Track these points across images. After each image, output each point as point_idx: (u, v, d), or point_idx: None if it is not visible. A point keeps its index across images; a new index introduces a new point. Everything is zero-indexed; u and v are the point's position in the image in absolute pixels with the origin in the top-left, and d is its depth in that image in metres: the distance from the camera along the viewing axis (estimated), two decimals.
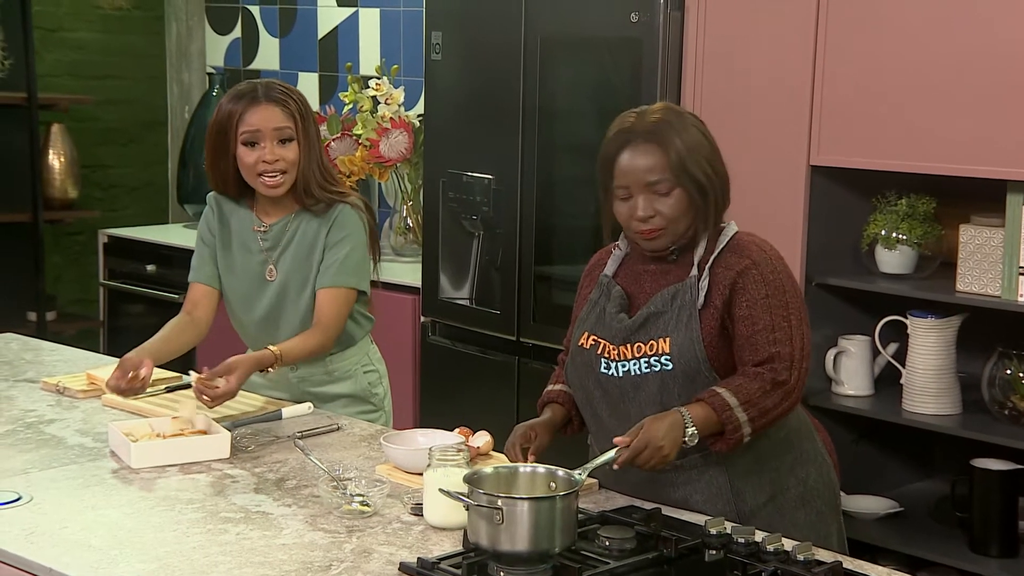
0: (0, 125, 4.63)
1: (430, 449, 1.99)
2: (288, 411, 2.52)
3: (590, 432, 2.23)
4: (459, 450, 1.98)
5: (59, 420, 2.48)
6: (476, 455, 2.25)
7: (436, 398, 3.83)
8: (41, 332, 4.54)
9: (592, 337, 2.15)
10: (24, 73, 4.57)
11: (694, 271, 2.09)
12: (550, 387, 2.31)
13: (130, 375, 2.42)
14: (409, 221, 4.24)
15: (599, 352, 2.13)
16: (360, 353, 2.69)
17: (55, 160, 4.74)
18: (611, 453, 1.96)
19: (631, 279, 2.17)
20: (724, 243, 2.10)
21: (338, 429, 2.46)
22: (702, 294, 2.06)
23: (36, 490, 2.08)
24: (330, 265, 2.56)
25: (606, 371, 2.12)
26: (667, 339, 2.07)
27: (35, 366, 2.88)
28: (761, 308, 2.04)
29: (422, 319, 3.86)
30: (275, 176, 2.53)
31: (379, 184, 4.45)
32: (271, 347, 2.48)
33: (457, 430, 2.28)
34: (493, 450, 2.29)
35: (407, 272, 3.97)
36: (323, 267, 2.57)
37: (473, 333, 3.71)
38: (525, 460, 2.08)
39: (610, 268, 2.20)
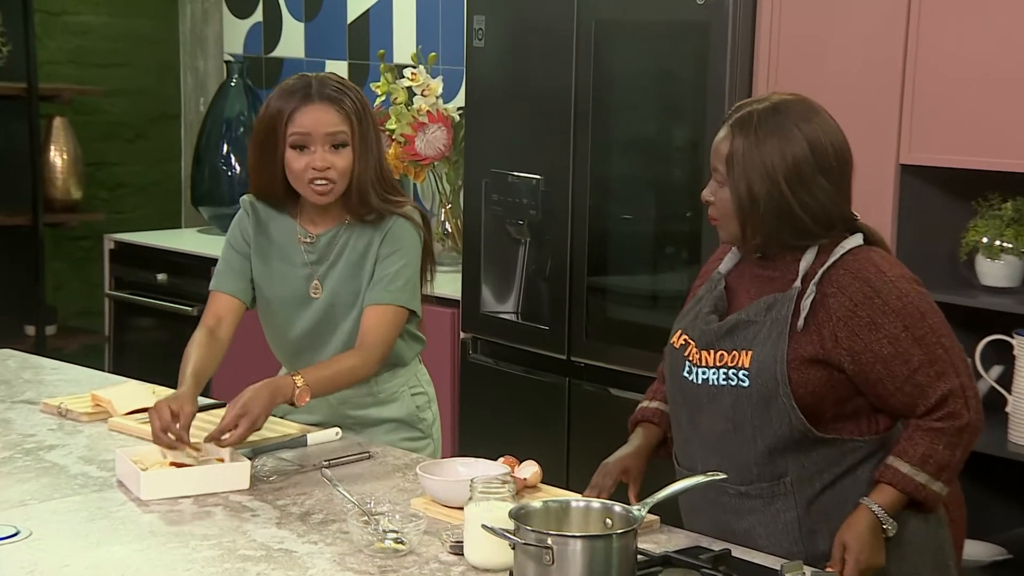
0: None
1: (472, 480, 2.00)
2: (314, 437, 2.54)
3: (673, 438, 2.25)
4: (504, 482, 1.99)
5: (61, 446, 2.51)
6: (523, 487, 2.25)
7: (478, 423, 3.84)
8: (40, 348, 4.59)
9: (683, 336, 2.19)
10: (23, 61, 4.63)
11: (797, 283, 2.10)
12: (645, 403, 2.34)
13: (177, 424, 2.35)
14: (448, 226, 4.25)
15: (686, 354, 2.17)
16: (408, 374, 2.71)
17: (57, 157, 4.80)
18: (682, 483, 1.97)
19: (739, 280, 2.20)
20: (835, 258, 2.10)
21: (369, 457, 2.47)
22: (803, 313, 2.07)
23: (35, 524, 2.10)
24: (379, 280, 2.57)
25: (687, 375, 2.16)
26: (749, 353, 2.09)
27: (34, 386, 2.91)
28: (908, 343, 2.05)
29: (462, 335, 3.87)
30: (324, 184, 2.54)
31: (415, 185, 4.47)
32: (295, 376, 2.46)
33: (501, 459, 2.29)
34: (542, 482, 2.30)
35: (446, 283, 3.98)
36: (372, 282, 2.58)
37: (519, 351, 3.72)
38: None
39: (726, 265, 2.23)
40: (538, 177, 3.60)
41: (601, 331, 3.52)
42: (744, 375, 2.08)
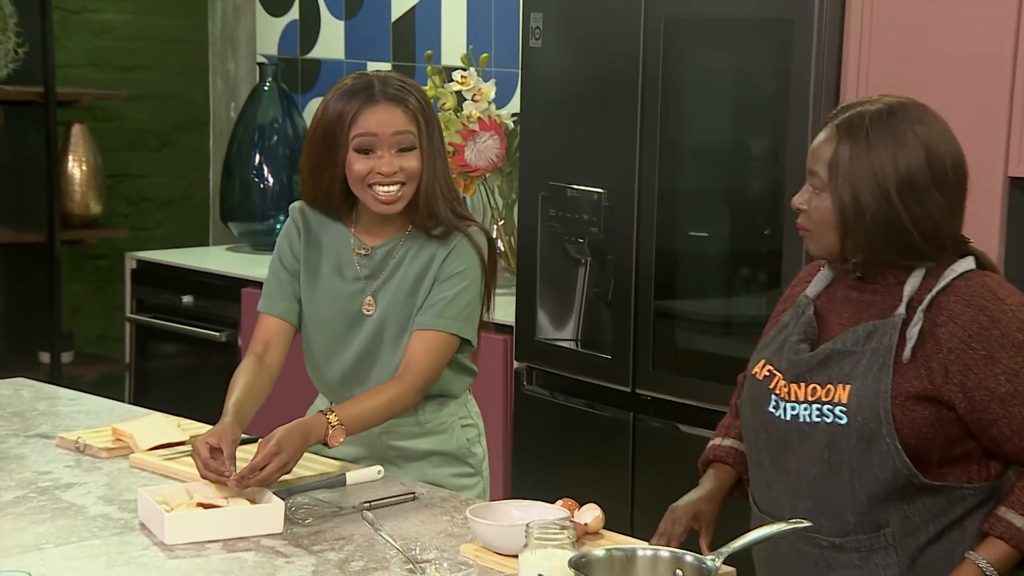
0: (12, 126, 4.75)
1: (527, 525, 2.00)
2: (354, 476, 2.54)
3: (750, 480, 2.24)
4: (563, 527, 1.98)
5: (79, 484, 2.53)
6: (583, 534, 2.24)
7: (532, 462, 3.83)
8: (56, 376, 4.63)
9: (768, 367, 2.18)
10: (41, 63, 4.69)
11: (901, 309, 2.08)
12: (716, 441, 2.33)
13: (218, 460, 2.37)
14: (500, 244, 4.26)
15: (771, 386, 2.15)
16: (459, 404, 2.71)
17: (75, 168, 4.85)
18: (763, 531, 1.96)
19: (830, 305, 2.19)
20: (945, 282, 2.08)
21: (414, 498, 2.48)
22: (910, 343, 2.05)
23: (51, 569, 2.11)
24: (434, 304, 2.58)
25: (774, 410, 2.14)
26: (846, 387, 2.07)
27: (50, 418, 2.94)
28: None
29: (515, 365, 3.87)
30: (391, 189, 2.55)
31: (464, 199, 4.48)
32: (329, 415, 2.46)
33: (560, 502, 2.28)
34: (604, 527, 2.29)
35: (498, 307, 3.97)
36: (425, 304, 2.59)
37: (578, 383, 3.72)
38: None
39: (814, 288, 2.22)
40: (600, 190, 3.60)
41: (669, 361, 3.50)
42: (841, 411, 2.06)
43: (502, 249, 4.25)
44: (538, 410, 3.82)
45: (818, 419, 2.08)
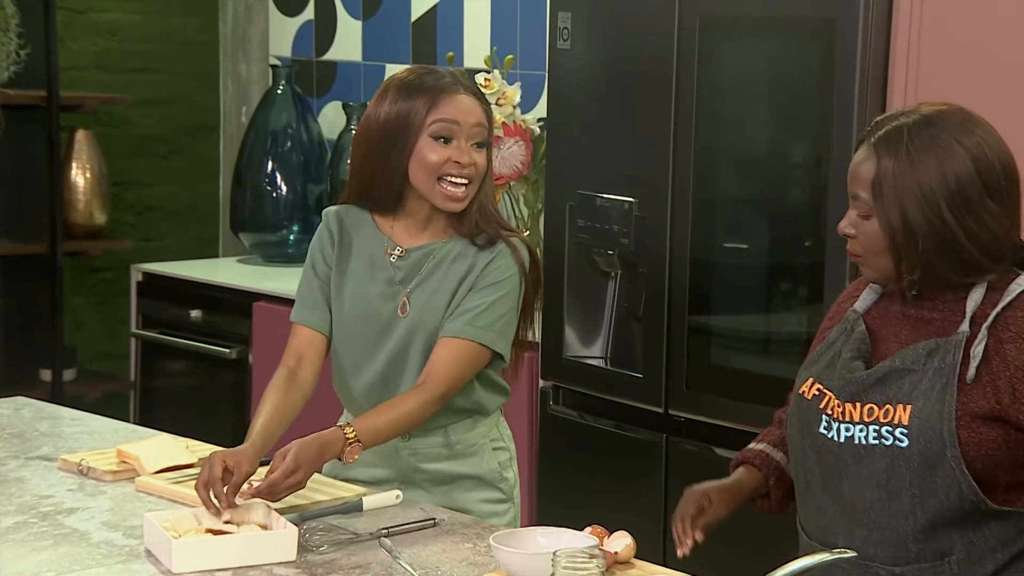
0: (13, 131, 4.76)
1: (554, 554, 1.99)
2: (371, 500, 2.54)
3: (797, 505, 2.24)
4: (592, 556, 1.98)
5: (82, 509, 2.53)
6: (614, 563, 2.24)
7: (559, 487, 3.82)
8: (57, 395, 4.65)
9: (817, 386, 2.17)
10: (43, 65, 4.71)
11: (964, 326, 2.08)
12: (751, 445, 2.34)
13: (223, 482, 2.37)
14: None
15: (821, 406, 2.15)
16: (490, 425, 2.72)
17: (79, 175, 4.87)
18: (811, 559, 1.95)
19: (882, 321, 2.18)
20: (1011, 297, 2.07)
21: (435, 524, 2.48)
22: (975, 362, 2.04)
23: None
24: (466, 311, 2.59)
25: (825, 432, 2.13)
26: (908, 407, 2.07)
27: (51, 439, 2.94)
28: None
29: (541, 383, 3.87)
30: (463, 185, 2.58)
31: None
32: (346, 428, 2.47)
33: (588, 529, 2.28)
34: (635, 556, 2.29)
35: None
36: (457, 310, 2.60)
37: (607, 403, 3.71)
38: (691, 536, 2.14)
39: (862, 303, 2.21)
40: (631, 200, 3.59)
41: (704, 380, 3.49)
42: (902, 433, 2.06)
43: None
44: (565, 431, 3.81)
45: (875, 441, 2.08)
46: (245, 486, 2.40)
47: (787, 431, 2.24)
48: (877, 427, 2.08)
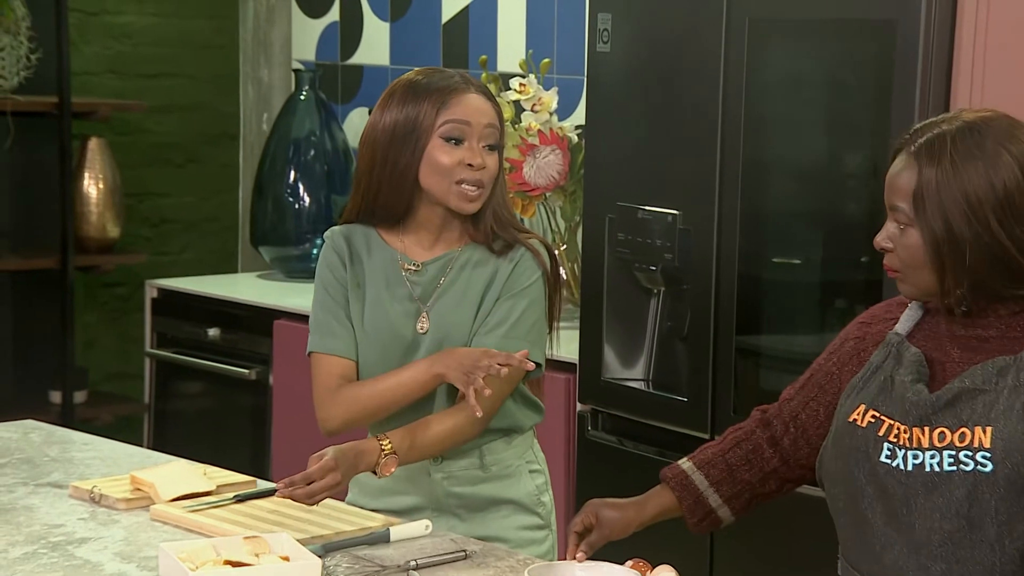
0: (22, 139, 4.80)
1: None
2: (399, 531, 2.54)
3: (843, 542, 2.22)
4: None
5: (94, 539, 2.53)
6: None
7: None
8: (68, 418, 4.66)
9: (872, 412, 2.16)
10: (55, 70, 4.74)
11: None
12: (681, 460, 2.40)
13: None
14: (563, 272, 4.26)
15: (881, 433, 2.14)
16: (525, 446, 2.72)
17: (91, 186, 4.89)
18: None
19: (931, 343, 2.18)
20: None
21: (466, 557, 2.47)
22: None
23: None
24: (500, 323, 2.61)
25: (888, 460, 2.12)
26: (987, 429, 2.06)
27: (62, 465, 2.95)
28: None
29: (579, 407, 3.86)
30: (476, 188, 2.59)
31: (522, 221, 4.48)
32: (382, 440, 2.51)
33: (630, 562, 2.28)
34: None
35: (560, 342, 3.93)
36: (487, 324, 2.61)
37: (649, 428, 3.70)
38: (573, 554, 2.21)
39: (904, 326, 2.22)
40: (675, 212, 3.59)
41: (753, 405, 3.42)
42: (984, 457, 2.05)
43: (564, 277, 4.25)
44: (604, 458, 3.80)
45: (952, 467, 2.07)
46: (283, 490, 2.43)
47: (827, 465, 2.23)
48: (953, 452, 2.07)
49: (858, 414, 2.18)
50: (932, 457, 2.09)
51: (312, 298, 2.73)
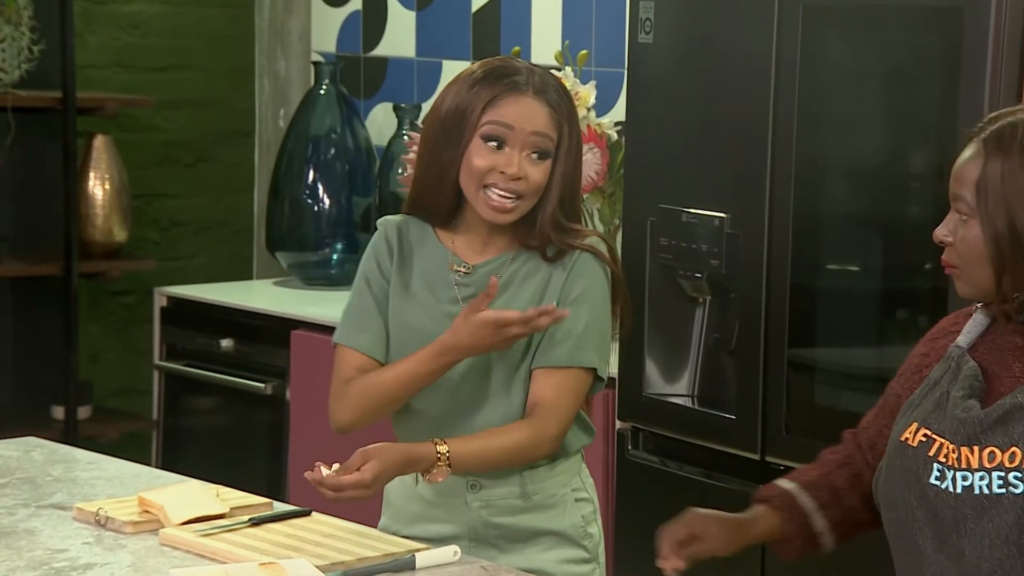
0: (24, 137, 4.81)
1: None
2: (425, 557, 2.53)
3: (898, 570, 2.21)
4: None
5: (99, 565, 2.53)
6: None
7: (640, 542, 3.78)
8: (72, 435, 4.67)
9: (924, 431, 2.16)
10: (58, 63, 4.75)
11: None
12: (781, 481, 2.37)
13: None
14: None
15: (931, 453, 2.13)
16: (571, 472, 2.71)
17: (97, 187, 4.90)
18: None
19: (994, 356, 2.18)
20: None
21: None
22: None
23: None
24: (566, 336, 2.60)
25: (938, 482, 2.12)
26: None
27: (66, 485, 2.95)
28: None
29: (619, 425, 3.85)
30: (508, 197, 2.59)
31: None
32: (439, 444, 2.51)
33: None
34: None
35: None
36: (552, 337, 2.61)
37: (694, 448, 3.69)
38: (672, 562, 2.23)
39: (966, 338, 2.21)
40: (722, 215, 3.58)
41: (806, 423, 3.47)
42: None
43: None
44: (646, 480, 3.79)
45: (1002, 489, 2.05)
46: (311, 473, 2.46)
47: (880, 486, 2.23)
48: (1002, 473, 2.07)
49: (910, 433, 2.18)
50: (981, 479, 2.08)
51: (352, 287, 2.74)
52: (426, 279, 2.68)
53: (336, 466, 2.48)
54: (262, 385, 4.63)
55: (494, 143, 2.58)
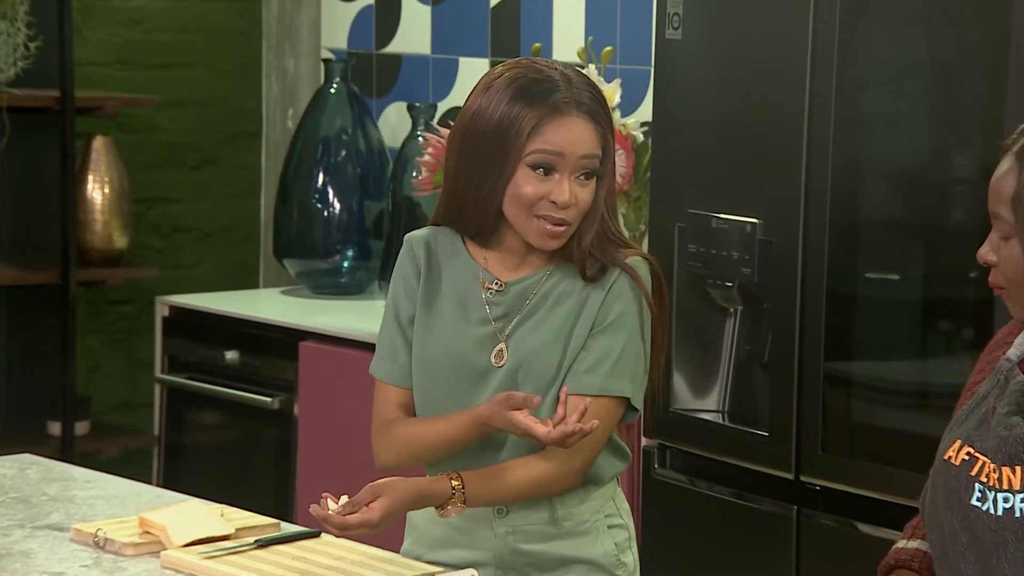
0: (20, 138, 4.81)
1: None
2: None
3: None
4: None
5: None
6: None
7: (668, 565, 3.79)
8: (69, 452, 4.67)
9: (967, 449, 2.16)
10: (56, 61, 4.75)
11: None
12: (901, 543, 2.32)
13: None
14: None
15: (973, 473, 2.13)
16: (604, 497, 2.71)
17: (96, 191, 4.91)
18: None
19: None
20: None
21: None
22: None
23: None
24: (599, 362, 2.60)
25: (979, 504, 2.12)
26: None
27: (63, 505, 2.94)
28: None
29: (644, 442, 3.85)
30: (559, 225, 2.59)
31: None
32: (453, 479, 2.52)
33: None
34: None
35: None
36: (584, 361, 2.61)
37: (725, 467, 3.68)
38: None
39: (1017, 350, 2.22)
40: (755, 221, 3.57)
41: (844, 441, 3.46)
42: None
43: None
44: (673, 500, 3.78)
45: None
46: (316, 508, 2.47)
47: (927, 507, 2.23)
48: None
49: (953, 451, 2.18)
50: (1023, 501, 2.08)
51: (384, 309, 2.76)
52: (456, 297, 2.68)
53: (344, 499, 2.48)
54: (269, 399, 4.62)
55: (542, 170, 2.57)
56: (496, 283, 2.66)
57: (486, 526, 2.64)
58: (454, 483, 2.51)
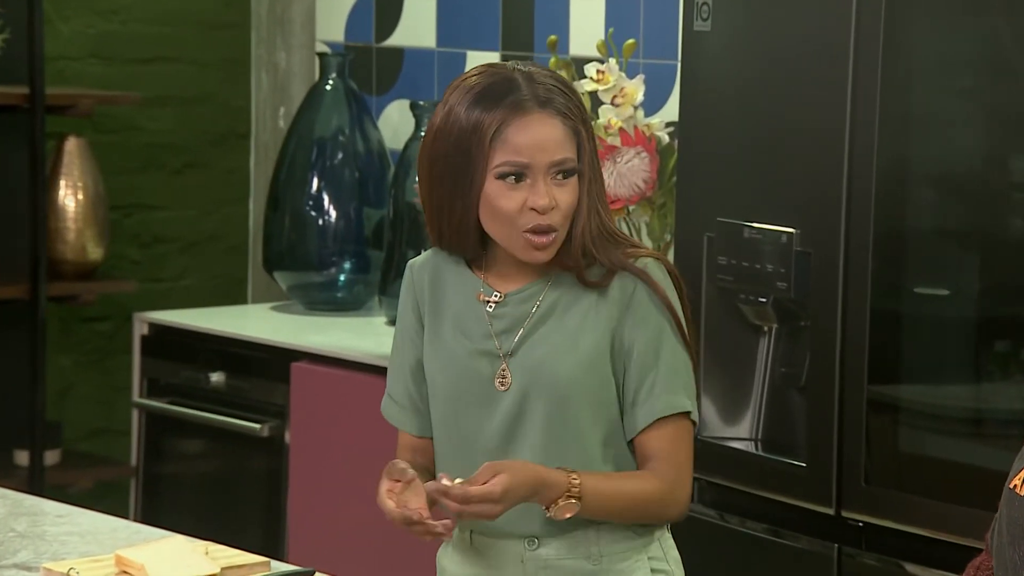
0: None
1: None
2: None
3: None
4: None
5: None
6: None
7: None
8: (38, 484, 4.67)
9: None
10: (25, 54, 4.76)
11: None
12: None
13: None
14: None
15: None
16: (647, 538, 2.72)
17: (68, 197, 4.91)
18: None
19: None
20: None
21: None
22: None
23: None
24: (657, 383, 2.64)
25: None
26: None
27: (31, 541, 2.95)
28: None
29: None
30: (544, 233, 2.61)
31: None
32: (572, 476, 2.55)
33: None
34: None
35: None
36: (642, 388, 2.65)
37: (759, 500, 3.68)
38: None
39: None
40: (791, 231, 3.57)
41: (890, 472, 3.46)
42: None
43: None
44: (703, 536, 3.77)
45: None
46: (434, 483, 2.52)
47: (995, 539, 2.23)
48: None
49: (1019, 479, 2.18)
50: None
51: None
52: (458, 318, 2.71)
53: (459, 480, 2.51)
54: (258, 426, 4.63)
55: (512, 178, 2.60)
56: (496, 295, 2.69)
57: (515, 560, 2.66)
58: (572, 479, 2.54)
